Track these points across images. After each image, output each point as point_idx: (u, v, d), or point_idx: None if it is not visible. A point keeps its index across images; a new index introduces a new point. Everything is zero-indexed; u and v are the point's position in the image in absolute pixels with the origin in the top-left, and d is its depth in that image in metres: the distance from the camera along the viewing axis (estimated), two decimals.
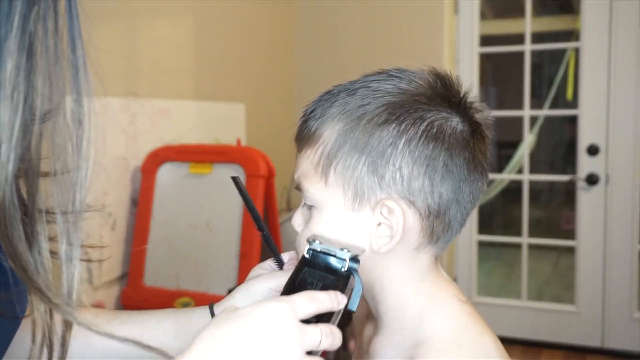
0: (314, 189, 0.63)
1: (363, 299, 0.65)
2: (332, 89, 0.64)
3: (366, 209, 0.61)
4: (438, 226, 0.61)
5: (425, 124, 0.59)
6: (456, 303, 0.63)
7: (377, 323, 0.67)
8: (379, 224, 0.61)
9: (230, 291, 0.71)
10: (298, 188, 0.65)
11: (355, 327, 0.75)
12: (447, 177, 0.60)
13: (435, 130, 0.59)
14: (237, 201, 2.07)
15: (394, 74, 0.63)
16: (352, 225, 0.61)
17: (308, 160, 0.63)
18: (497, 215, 5.12)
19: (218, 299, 0.73)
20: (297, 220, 0.67)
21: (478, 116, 0.64)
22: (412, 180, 0.59)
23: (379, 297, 0.65)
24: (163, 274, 2.14)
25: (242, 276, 2.03)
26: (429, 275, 0.64)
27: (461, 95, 0.63)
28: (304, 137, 0.64)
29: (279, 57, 3.17)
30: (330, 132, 0.61)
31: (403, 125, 0.59)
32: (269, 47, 3.06)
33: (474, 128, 0.63)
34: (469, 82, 3.05)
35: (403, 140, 0.59)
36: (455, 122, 0.61)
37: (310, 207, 0.64)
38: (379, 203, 0.60)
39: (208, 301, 0.73)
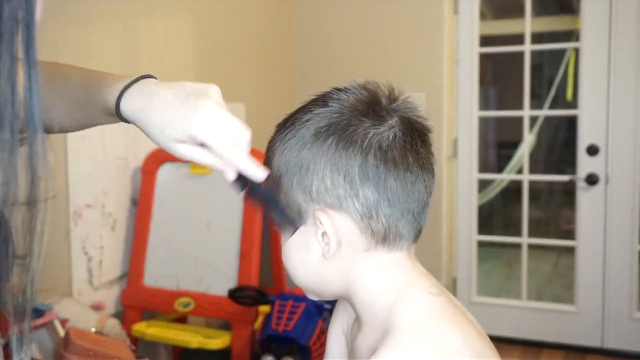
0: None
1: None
2: (280, 122, 0.72)
3: (309, 222, 0.66)
4: (376, 226, 0.65)
5: (337, 135, 0.65)
6: (426, 296, 0.66)
7: (359, 322, 0.71)
8: (324, 233, 0.65)
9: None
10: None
11: (351, 331, 0.78)
12: (365, 180, 0.64)
13: (346, 138, 0.65)
14: (237, 201, 2.07)
15: (318, 97, 0.70)
16: (306, 238, 0.67)
17: None
18: (497, 215, 5.13)
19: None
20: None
21: (398, 114, 0.67)
22: (336, 188, 0.65)
23: (353, 298, 0.69)
24: (163, 274, 2.14)
25: (242, 276, 2.03)
26: (397, 271, 0.67)
27: (376, 100, 0.67)
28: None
29: (279, 57, 3.17)
30: (275, 161, 0.69)
31: (319, 142, 0.65)
32: (268, 46, 3.06)
33: (395, 126, 0.66)
34: (469, 82, 3.06)
35: (320, 154, 0.65)
36: (367, 126, 0.65)
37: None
38: (313, 215, 0.66)
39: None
